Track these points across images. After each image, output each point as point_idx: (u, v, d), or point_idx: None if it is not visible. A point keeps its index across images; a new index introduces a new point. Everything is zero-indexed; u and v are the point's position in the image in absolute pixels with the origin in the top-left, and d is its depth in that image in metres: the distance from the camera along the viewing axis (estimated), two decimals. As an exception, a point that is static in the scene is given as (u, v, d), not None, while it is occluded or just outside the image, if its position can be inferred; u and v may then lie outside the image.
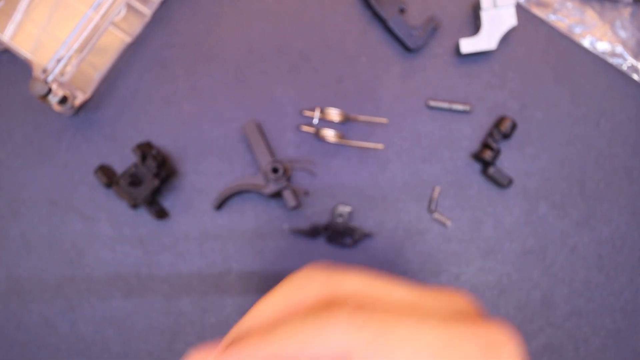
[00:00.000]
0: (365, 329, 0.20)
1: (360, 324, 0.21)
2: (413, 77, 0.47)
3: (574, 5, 0.46)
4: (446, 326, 0.21)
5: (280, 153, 0.47)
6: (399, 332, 0.20)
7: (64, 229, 0.47)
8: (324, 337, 0.21)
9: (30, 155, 0.47)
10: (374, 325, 0.21)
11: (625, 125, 0.46)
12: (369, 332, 0.20)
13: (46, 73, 0.42)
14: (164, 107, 0.47)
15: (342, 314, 0.21)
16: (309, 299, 0.23)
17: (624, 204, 0.45)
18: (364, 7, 0.47)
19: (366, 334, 0.20)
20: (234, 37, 0.47)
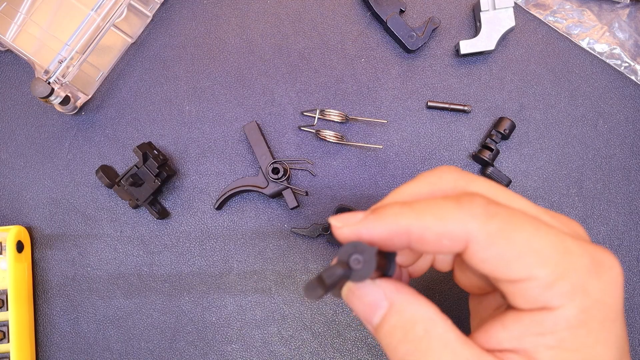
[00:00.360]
0: (496, 219, 0.22)
1: (493, 214, 0.22)
2: (412, 78, 0.47)
3: (572, 6, 0.47)
4: (563, 237, 0.22)
5: (280, 153, 0.47)
6: (524, 229, 0.21)
7: (65, 229, 0.47)
8: (458, 217, 0.22)
9: (32, 155, 0.48)
10: (502, 219, 0.22)
11: (623, 125, 0.46)
12: (496, 224, 0.21)
13: (48, 74, 0.43)
14: (165, 108, 0.47)
15: (478, 201, 0.22)
16: (443, 190, 0.25)
17: (622, 203, 0.46)
18: (363, 8, 0.47)
19: (493, 225, 0.21)
20: (235, 38, 0.48)
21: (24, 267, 0.46)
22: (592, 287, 0.21)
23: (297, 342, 0.46)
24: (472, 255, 0.22)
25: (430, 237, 0.22)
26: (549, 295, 0.21)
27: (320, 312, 0.46)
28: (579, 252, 0.22)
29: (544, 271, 0.21)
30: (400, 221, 0.23)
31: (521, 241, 0.21)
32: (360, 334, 0.45)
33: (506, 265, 0.21)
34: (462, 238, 0.22)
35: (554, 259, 0.21)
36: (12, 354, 0.44)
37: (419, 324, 0.23)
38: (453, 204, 0.22)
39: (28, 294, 0.46)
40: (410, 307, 0.23)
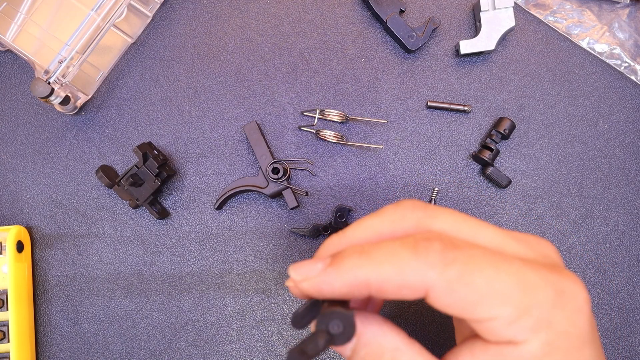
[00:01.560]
0: (454, 265, 0.22)
1: (451, 260, 0.22)
2: (412, 78, 0.47)
3: (572, 6, 0.47)
4: (526, 271, 0.22)
5: (280, 153, 0.47)
6: (483, 271, 0.22)
7: (65, 229, 0.47)
8: (417, 267, 0.22)
9: (33, 155, 0.48)
10: (462, 263, 0.22)
11: (623, 125, 0.46)
12: (455, 269, 0.22)
13: (48, 74, 0.43)
14: (165, 108, 0.48)
15: (435, 249, 0.22)
16: (404, 229, 0.25)
17: (621, 203, 0.46)
18: (363, 8, 0.47)
19: (453, 270, 0.22)
20: (235, 38, 0.48)
21: (24, 267, 0.46)
22: (556, 319, 0.22)
23: (297, 342, 0.46)
24: (433, 301, 0.23)
25: (390, 288, 0.23)
26: (513, 331, 0.22)
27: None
28: (541, 285, 0.22)
29: (507, 310, 0.22)
30: (359, 274, 0.23)
31: (481, 284, 0.22)
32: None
33: (469, 309, 0.22)
34: (421, 287, 0.22)
35: (516, 297, 0.22)
36: (12, 354, 0.44)
37: (385, 354, 0.24)
38: (410, 253, 0.22)
39: (28, 294, 0.46)
40: (377, 339, 0.24)
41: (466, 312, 0.22)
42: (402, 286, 0.22)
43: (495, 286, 0.22)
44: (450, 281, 0.22)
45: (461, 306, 0.22)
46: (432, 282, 0.22)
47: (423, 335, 0.45)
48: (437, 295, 0.22)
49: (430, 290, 0.22)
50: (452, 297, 0.22)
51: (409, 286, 0.22)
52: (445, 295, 0.22)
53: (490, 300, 0.22)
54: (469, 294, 0.22)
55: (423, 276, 0.22)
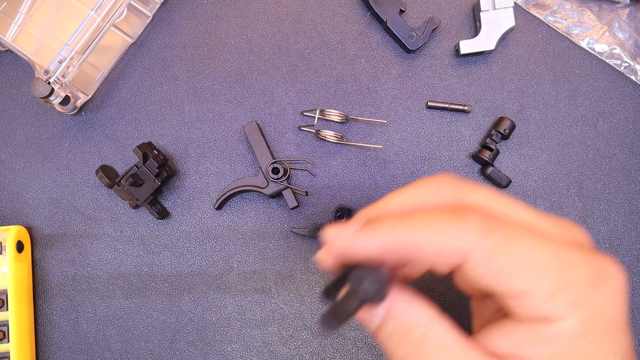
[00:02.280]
0: (494, 234, 0.21)
1: (491, 229, 0.21)
2: (412, 78, 0.47)
3: (572, 6, 0.47)
4: (564, 249, 0.22)
5: (280, 153, 0.47)
6: (523, 243, 0.21)
7: (65, 229, 0.47)
8: (455, 233, 0.21)
9: (33, 155, 0.48)
10: (500, 234, 0.21)
11: (623, 125, 0.46)
12: (494, 239, 0.21)
13: (48, 74, 0.43)
14: (165, 108, 0.48)
15: (474, 217, 0.22)
16: (439, 201, 0.24)
17: (621, 203, 0.46)
18: (363, 8, 0.47)
19: (491, 240, 0.21)
20: (235, 38, 0.48)
21: (24, 267, 0.46)
22: (594, 297, 0.21)
23: (297, 342, 0.46)
24: (469, 270, 0.22)
25: (427, 252, 0.22)
26: (549, 307, 0.21)
27: (320, 312, 0.46)
28: (579, 263, 0.22)
29: (544, 284, 0.21)
30: (397, 236, 0.22)
31: (520, 255, 0.21)
32: (360, 333, 0.45)
33: (505, 280, 0.21)
34: (459, 254, 0.22)
35: (554, 271, 0.21)
36: (12, 354, 0.44)
37: (416, 328, 0.23)
38: (450, 219, 0.22)
39: (28, 294, 0.46)
40: (407, 312, 0.23)
41: (502, 284, 0.21)
42: (440, 251, 0.22)
43: (535, 258, 0.21)
44: (491, 248, 0.21)
45: (498, 277, 0.21)
46: (472, 248, 0.21)
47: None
48: (474, 265, 0.21)
49: (468, 257, 0.21)
50: (490, 267, 0.21)
51: (447, 251, 0.22)
52: (483, 264, 0.21)
53: (529, 272, 0.21)
54: (508, 264, 0.21)
55: (463, 241, 0.21)
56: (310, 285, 0.46)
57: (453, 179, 0.25)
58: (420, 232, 0.22)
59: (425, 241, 0.22)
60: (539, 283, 0.21)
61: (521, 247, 0.21)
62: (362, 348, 0.45)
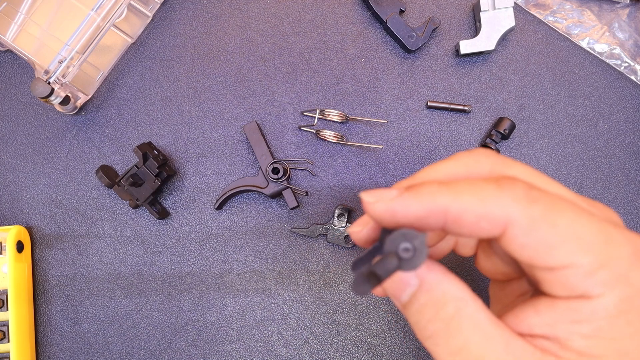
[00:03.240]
0: (538, 203, 0.21)
1: (535, 198, 0.21)
2: (412, 78, 0.47)
3: (572, 6, 0.47)
4: (606, 224, 0.21)
5: (280, 153, 0.47)
6: (566, 215, 0.21)
7: (65, 229, 0.47)
8: (499, 200, 0.21)
9: (33, 155, 0.48)
10: (544, 204, 0.21)
11: (623, 125, 0.46)
12: (538, 209, 0.21)
13: (48, 74, 0.43)
14: (165, 108, 0.48)
15: (519, 186, 0.21)
16: (479, 173, 0.24)
17: (622, 203, 0.46)
18: (363, 8, 0.47)
19: (536, 209, 0.21)
20: (235, 38, 0.48)
21: (24, 267, 0.46)
22: (634, 276, 0.21)
23: (297, 342, 0.46)
24: (510, 240, 0.21)
25: (469, 218, 0.21)
26: (589, 284, 0.20)
27: (320, 312, 0.46)
28: (621, 240, 0.21)
29: (587, 259, 0.20)
30: (438, 200, 0.21)
31: (564, 227, 0.20)
32: (360, 333, 0.45)
33: (547, 252, 0.21)
34: (502, 221, 0.21)
35: (597, 246, 0.20)
36: (12, 354, 0.44)
37: (449, 302, 0.22)
38: (494, 186, 0.21)
39: (28, 294, 0.46)
40: (441, 286, 0.22)
41: (543, 257, 0.21)
42: (482, 217, 0.21)
43: (578, 232, 0.20)
44: (534, 218, 0.20)
45: (539, 248, 0.21)
46: (514, 216, 0.21)
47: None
48: (516, 234, 0.21)
49: (510, 226, 0.21)
50: (532, 237, 0.21)
51: (489, 218, 0.21)
52: (526, 234, 0.21)
53: (572, 245, 0.20)
54: (551, 235, 0.20)
55: (506, 208, 0.21)
56: (310, 285, 0.46)
57: (492, 153, 0.25)
58: (464, 198, 0.21)
59: (469, 207, 0.21)
60: (581, 257, 0.20)
61: (565, 219, 0.21)
62: (362, 348, 0.45)
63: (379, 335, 0.45)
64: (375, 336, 0.45)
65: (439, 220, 0.22)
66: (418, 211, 0.22)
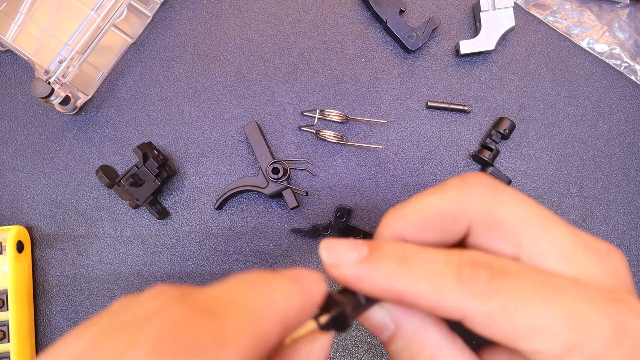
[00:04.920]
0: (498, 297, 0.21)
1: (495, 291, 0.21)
2: (412, 78, 0.47)
3: (572, 6, 0.47)
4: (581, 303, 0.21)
5: (280, 153, 0.47)
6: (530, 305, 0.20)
7: (65, 229, 0.47)
8: (457, 293, 0.21)
9: (33, 155, 0.48)
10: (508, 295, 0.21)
11: (623, 125, 0.46)
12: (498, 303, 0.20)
13: (48, 74, 0.43)
14: (165, 108, 0.48)
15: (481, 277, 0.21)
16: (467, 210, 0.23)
17: (621, 203, 0.46)
18: (363, 8, 0.47)
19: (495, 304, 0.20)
20: (235, 38, 0.48)
21: (24, 267, 0.46)
22: (611, 357, 0.20)
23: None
24: (471, 327, 0.21)
25: (423, 306, 0.22)
26: None
27: (320, 312, 0.46)
28: (595, 321, 0.20)
29: (553, 345, 0.20)
30: (394, 283, 0.22)
31: (525, 319, 0.20)
32: (360, 333, 0.45)
33: (510, 340, 0.21)
34: (457, 314, 0.21)
35: (564, 333, 0.20)
36: (12, 354, 0.44)
37: (425, 351, 0.23)
38: (453, 276, 0.21)
39: (28, 294, 0.46)
40: (417, 332, 0.23)
41: (507, 343, 0.21)
42: (437, 308, 0.21)
43: (542, 322, 0.20)
44: (491, 314, 0.20)
45: (502, 337, 0.21)
46: (470, 312, 0.21)
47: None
48: (475, 324, 0.21)
49: (467, 318, 0.21)
50: (492, 329, 0.21)
51: (444, 310, 0.21)
52: (485, 326, 0.21)
53: (535, 335, 0.20)
54: (512, 328, 0.20)
55: (462, 303, 0.21)
56: (310, 285, 0.46)
57: (484, 183, 0.24)
58: (420, 285, 0.21)
59: (424, 295, 0.21)
60: (547, 344, 0.20)
61: (527, 309, 0.20)
62: (362, 348, 0.45)
63: (379, 335, 0.45)
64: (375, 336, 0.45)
65: (394, 299, 0.22)
66: (372, 290, 0.22)
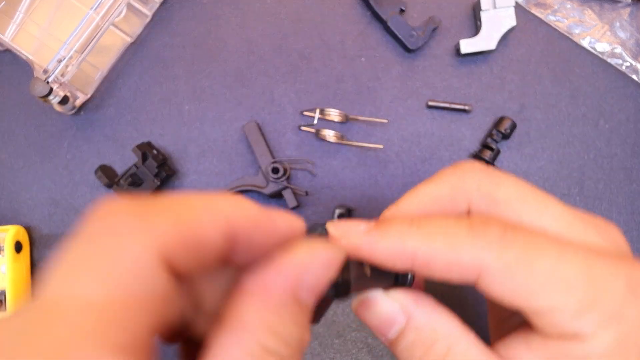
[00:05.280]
0: (513, 248, 0.20)
1: (510, 242, 0.20)
2: (413, 78, 0.47)
3: (573, 5, 0.46)
4: (594, 259, 0.20)
5: (280, 153, 0.47)
6: (546, 256, 0.20)
7: (64, 229, 0.47)
8: (472, 246, 0.20)
9: (32, 155, 0.48)
10: (522, 246, 0.20)
11: (624, 125, 0.46)
12: (515, 252, 0.20)
13: (47, 73, 0.43)
14: (165, 108, 0.47)
15: (493, 229, 0.20)
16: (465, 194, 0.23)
17: (623, 203, 0.45)
18: (363, 8, 0.47)
19: (511, 253, 0.20)
20: (234, 38, 0.48)
21: (22, 268, 0.45)
22: (628, 313, 0.19)
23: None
24: (486, 286, 0.20)
25: (439, 265, 0.20)
26: (579, 325, 0.19)
27: (320, 312, 0.45)
28: (611, 275, 0.20)
29: (571, 300, 0.19)
30: (407, 242, 0.20)
31: (543, 270, 0.19)
32: (360, 334, 0.45)
33: (527, 296, 0.20)
34: (474, 269, 0.20)
35: (582, 286, 0.19)
36: (10, 354, 0.44)
37: (440, 341, 0.21)
38: (465, 230, 0.20)
39: (26, 295, 0.46)
40: (430, 323, 0.21)
41: (524, 301, 0.20)
42: (452, 264, 0.20)
43: (560, 272, 0.19)
44: (509, 264, 0.19)
45: (519, 294, 0.20)
46: (487, 264, 0.19)
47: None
48: (492, 280, 0.20)
49: (484, 273, 0.20)
50: (510, 283, 0.20)
51: (460, 265, 0.20)
52: (502, 281, 0.20)
53: (553, 288, 0.19)
54: (529, 280, 0.19)
55: (478, 256, 0.20)
56: (310, 285, 0.46)
57: (478, 168, 0.23)
58: (434, 242, 0.20)
59: (438, 253, 0.20)
60: (565, 299, 0.19)
61: (544, 261, 0.19)
62: (362, 349, 0.45)
63: (380, 336, 0.45)
64: (376, 336, 0.45)
65: (407, 262, 0.21)
66: (384, 253, 0.21)
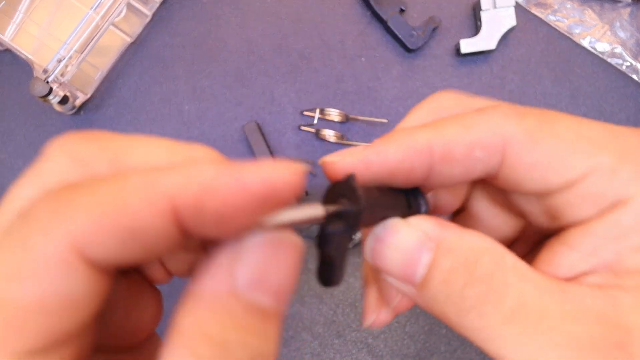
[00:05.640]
0: (529, 117, 0.18)
1: (524, 113, 0.18)
2: (413, 78, 0.47)
3: (574, 5, 0.46)
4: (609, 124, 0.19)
5: (280, 153, 0.47)
6: (563, 121, 0.18)
7: (64, 229, 0.47)
8: (490, 120, 0.18)
9: (31, 155, 0.47)
10: (537, 115, 0.18)
11: (625, 124, 0.46)
12: (532, 120, 0.18)
13: (47, 73, 0.43)
14: (165, 107, 0.47)
15: (504, 105, 0.19)
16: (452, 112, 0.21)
17: (624, 203, 0.45)
18: (363, 8, 0.47)
19: (530, 120, 0.18)
20: (235, 38, 0.48)
21: (22, 268, 0.45)
22: None
23: (297, 342, 0.45)
24: (513, 165, 0.18)
25: (460, 150, 0.18)
26: (618, 185, 0.17)
27: (320, 312, 0.45)
28: (625, 132, 0.18)
29: (606, 156, 0.17)
30: (419, 138, 0.18)
31: (567, 132, 0.18)
32: (360, 334, 0.45)
33: (560, 163, 0.17)
34: (498, 144, 0.18)
35: (609, 141, 0.18)
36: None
37: (484, 256, 0.17)
38: (477, 113, 0.19)
39: None
40: (466, 239, 0.18)
41: (557, 171, 0.18)
42: (475, 144, 0.18)
43: (584, 132, 0.18)
44: (531, 130, 0.18)
45: (550, 162, 0.17)
46: (510, 133, 0.18)
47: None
48: (518, 153, 0.18)
49: (508, 146, 0.18)
50: (537, 151, 0.18)
51: (483, 144, 0.18)
52: (528, 150, 0.18)
53: (584, 147, 0.17)
54: (558, 143, 0.17)
55: (499, 127, 0.18)
56: (310, 285, 0.46)
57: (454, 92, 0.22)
58: (448, 130, 0.18)
59: (456, 137, 0.18)
60: (600, 156, 0.17)
61: (564, 124, 0.18)
62: (362, 349, 0.45)
63: (379, 336, 0.45)
64: (376, 336, 0.45)
65: (424, 162, 0.18)
66: (397, 156, 0.18)
